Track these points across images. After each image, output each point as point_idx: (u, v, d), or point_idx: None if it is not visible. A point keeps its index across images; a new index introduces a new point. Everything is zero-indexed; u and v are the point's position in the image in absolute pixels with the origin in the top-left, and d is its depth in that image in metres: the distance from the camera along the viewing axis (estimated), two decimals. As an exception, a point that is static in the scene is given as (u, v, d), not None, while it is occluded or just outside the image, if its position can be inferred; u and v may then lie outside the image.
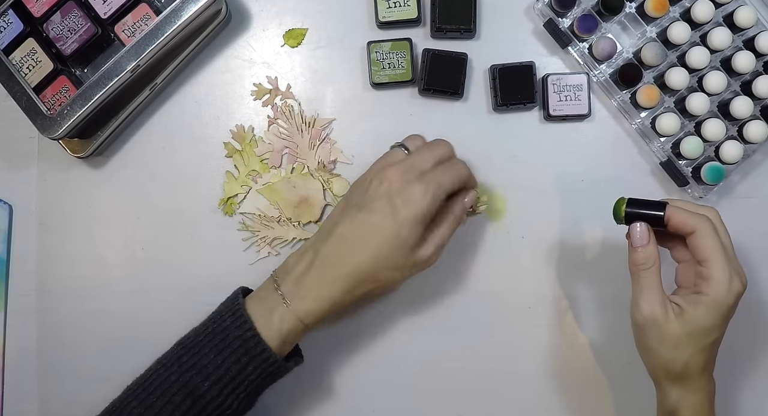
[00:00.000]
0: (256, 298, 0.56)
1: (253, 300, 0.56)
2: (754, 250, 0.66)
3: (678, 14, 0.64)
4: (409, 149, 0.58)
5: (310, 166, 0.66)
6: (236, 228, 0.66)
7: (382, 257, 0.54)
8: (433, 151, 0.57)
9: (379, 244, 0.54)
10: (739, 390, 0.65)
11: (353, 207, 0.55)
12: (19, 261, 0.66)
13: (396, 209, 0.54)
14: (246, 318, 0.54)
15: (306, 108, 0.66)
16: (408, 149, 0.58)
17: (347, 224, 0.55)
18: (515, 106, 0.64)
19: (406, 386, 0.65)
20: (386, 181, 0.55)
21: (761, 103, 0.64)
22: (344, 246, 0.55)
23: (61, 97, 0.60)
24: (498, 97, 0.64)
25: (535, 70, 0.64)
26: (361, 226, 0.54)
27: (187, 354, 0.55)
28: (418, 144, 0.59)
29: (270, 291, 0.56)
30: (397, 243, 0.54)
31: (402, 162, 0.56)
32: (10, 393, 0.66)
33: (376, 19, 0.65)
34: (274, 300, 0.55)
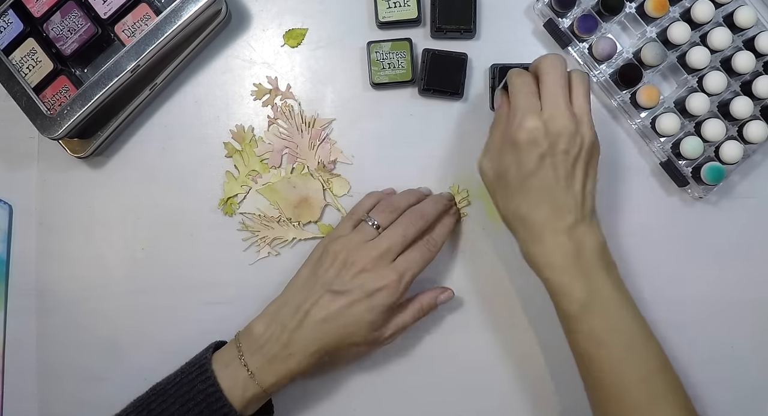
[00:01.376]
0: (222, 362, 0.57)
1: (219, 362, 0.57)
2: (755, 250, 0.66)
3: (678, 14, 0.64)
4: (379, 224, 0.59)
5: (310, 166, 0.66)
6: (236, 228, 0.66)
7: (348, 337, 0.57)
8: (405, 228, 0.59)
9: (351, 328, 0.57)
10: (740, 390, 0.65)
11: (328, 292, 0.57)
12: (19, 261, 0.66)
13: (371, 297, 0.57)
14: (210, 375, 0.56)
15: (306, 108, 0.66)
16: (377, 222, 0.59)
17: (321, 310, 0.57)
18: None
19: (405, 386, 0.65)
20: (359, 265, 0.57)
21: (761, 103, 0.64)
22: (316, 331, 0.57)
23: (61, 97, 0.61)
24: None
25: None
26: (337, 314, 0.56)
27: (156, 401, 0.57)
28: (388, 216, 0.60)
29: (234, 358, 0.57)
30: (366, 326, 0.57)
31: (374, 244, 0.58)
32: (10, 393, 0.66)
33: (376, 19, 0.65)
34: (240, 370, 0.56)
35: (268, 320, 0.58)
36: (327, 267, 0.58)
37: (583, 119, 0.55)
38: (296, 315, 0.57)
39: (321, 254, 0.59)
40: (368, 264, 0.57)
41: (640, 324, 0.55)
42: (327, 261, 0.58)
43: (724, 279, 0.66)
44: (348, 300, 0.56)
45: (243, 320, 0.65)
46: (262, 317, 0.59)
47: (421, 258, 0.59)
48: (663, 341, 0.56)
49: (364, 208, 0.62)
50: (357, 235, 0.59)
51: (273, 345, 0.57)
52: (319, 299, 0.57)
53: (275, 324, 0.57)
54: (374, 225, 0.59)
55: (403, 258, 0.58)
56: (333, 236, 0.60)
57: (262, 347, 0.57)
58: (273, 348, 0.56)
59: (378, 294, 0.57)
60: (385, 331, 0.59)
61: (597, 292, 0.54)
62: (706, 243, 0.66)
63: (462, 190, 0.65)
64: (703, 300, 0.66)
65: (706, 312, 0.65)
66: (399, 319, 0.60)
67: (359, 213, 0.61)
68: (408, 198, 0.62)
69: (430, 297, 0.61)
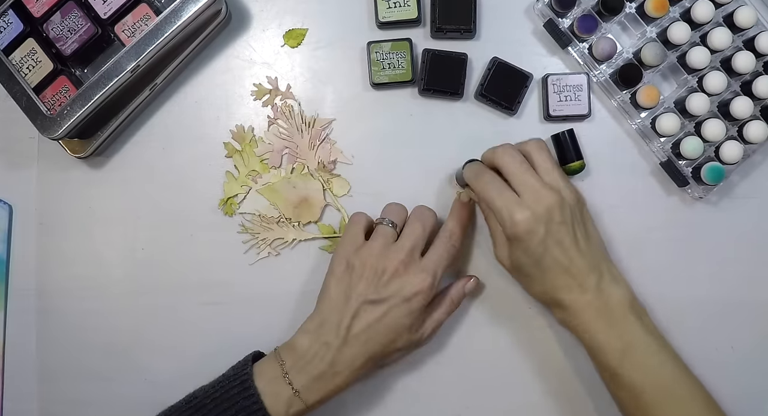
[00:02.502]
0: (265, 378, 0.56)
1: (262, 378, 0.56)
2: (755, 250, 0.66)
3: (678, 14, 0.64)
4: (395, 223, 0.60)
5: (310, 166, 0.66)
6: (236, 228, 0.66)
7: (391, 344, 0.58)
8: (422, 222, 0.60)
9: (393, 334, 0.57)
10: (740, 390, 0.65)
11: (365, 303, 0.57)
12: (19, 261, 0.66)
13: (409, 301, 0.57)
14: (254, 392, 0.55)
15: (306, 108, 0.66)
16: (394, 223, 0.60)
17: (362, 321, 0.57)
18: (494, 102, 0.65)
19: (405, 386, 0.65)
20: (390, 270, 0.57)
21: (761, 103, 0.64)
22: (361, 344, 0.57)
23: (61, 97, 0.61)
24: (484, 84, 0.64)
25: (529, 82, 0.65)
26: (378, 322, 0.57)
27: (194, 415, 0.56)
28: (401, 214, 0.61)
29: (278, 375, 0.56)
30: (407, 330, 0.58)
31: (399, 246, 0.58)
32: (9, 393, 0.66)
33: (376, 20, 0.65)
34: (284, 387, 0.56)
35: (311, 338, 0.57)
36: (358, 279, 0.58)
37: (559, 185, 0.57)
38: (339, 332, 0.57)
39: (346, 267, 0.59)
40: (399, 268, 0.57)
41: (679, 368, 0.57)
42: (356, 272, 0.58)
43: (724, 279, 0.66)
44: (386, 308, 0.57)
45: (243, 320, 0.65)
46: (304, 333, 0.58)
47: (446, 253, 0.59)
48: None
49: (364, 215, 0.62)
50: (377, 240, 0.59)
51: (319, 364, 0.56)
52: (358, 311, 0.57)
53: (319, 343, 0.57)
54: (392, 225, 0.60)
55: (429, 258, 0.59)
56: (350, 246, 0.59)
57: (308, 365, 0.56)
58: (319, 366, 0.56)
59: (415, 298, 0.57)
60: (425, 332, 0.60)
61: (632, 343, 0.56)
62: (706, 243, 0.66)
63: None
64: (703, 301, 0.66)
65: (706, 313, 0.65)
66: (434, 317, 0.60)
67: (363, 218, 0.62)
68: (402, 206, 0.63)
69: (458, 289, 0.62)
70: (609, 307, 0.56)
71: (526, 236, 0.55)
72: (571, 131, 0.64)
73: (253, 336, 0.64)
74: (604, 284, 0.57)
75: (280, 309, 0.65)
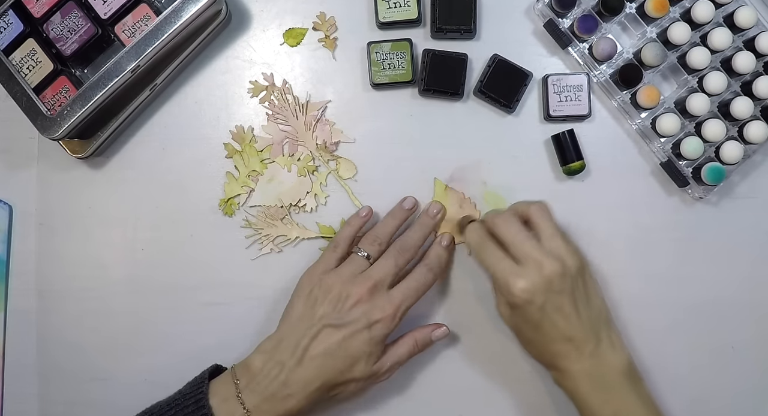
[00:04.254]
0: (219, 396, 0.56)
1: (216, 396, 0.56)
2: (755, 250, 0.66)
3: (678, 14, 0.64)
4: (369, 253, 0.60)
5: (309, 147, 0.66)
6: (236, 228, 0.66)
7: (347, 371, 0.57)
8: (396, 259, 0.59)
9: (350, 361, 0.57)
10: (741, 390, 0.65)
11: (326, 327, 0.57)
12: (19, 261, 0.66)
13: (369, 329, 0.57)
14: (207, 411, 0.55)
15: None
16: (368, 252, 0.60)
17: (321, 344, 0.56)
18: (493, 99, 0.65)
19: (405, 386, 0.65)
20: (355, 297, 0.57)
21: (761, 103, 0.64)
22: (316, 367, 0.56)
23: (61, 98, 0.61)
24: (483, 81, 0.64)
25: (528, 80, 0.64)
26: (337, 347, 0.57)
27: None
28: (377, 248, 0.60)
29: (232, 394, 0.56)
30: (365, 359, 0.57)
31: (368, 275, 0.58)
32: (10, 393, 0.66)
33: (376, 20, 0.65)
34: (237, 407, 0.55)
35: (265, 357, 0.57)
36: (321, 301, 0.58)
37: (561, 252, 0.56)
38: (295, 352, 0.56)
39: (312, 288, 0.59)
40: (364, 295, 0.57)
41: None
42: (321, 295, 0.58)
43: (724, 279, 0.66)
44: (346, 333, 0.57)
45: (243, 320, 0.65)
46: (260, 353, 0.58)
47: (418, 287, 0.60)
48: (663, 340, 0.56)
49: (345, 237, 0.62)
50: (348, 267, 0.59)
51: (271, 384, 0.56)
52: (317, 334, 0.57)
53: (273, 362, 0.57)
54: (365, 256, 0.60)
55: (398, 290, 0.59)
56: (321, 270, 0.60)
57: (260, 384, 0.56)
58: (270, 386, 0.56)
59: (376, 325, 0.57)
60: (383, 365, 0.59)
61: (624, 412, 0.56)
62: (706, 244, 0.66)
63: None
64: (703, 301, 0.65)
65: (706, 313, 0.65)
66: (395, 352, 0.60)
67: (342, 244, 0.62)
68: (393, 222, 0.62)
69: (424, 333, 0.62)
70: (604, 374, 0.56)
71: (524, 305, 0.55)
72: (571, 131, 0.64)
73: (253, 336, 0.64)
74: (601, 350, 0.56)
75: (280, 308, 0.65)
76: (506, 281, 0.55)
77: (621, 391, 0.56)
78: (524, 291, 0.55)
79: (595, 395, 0.56)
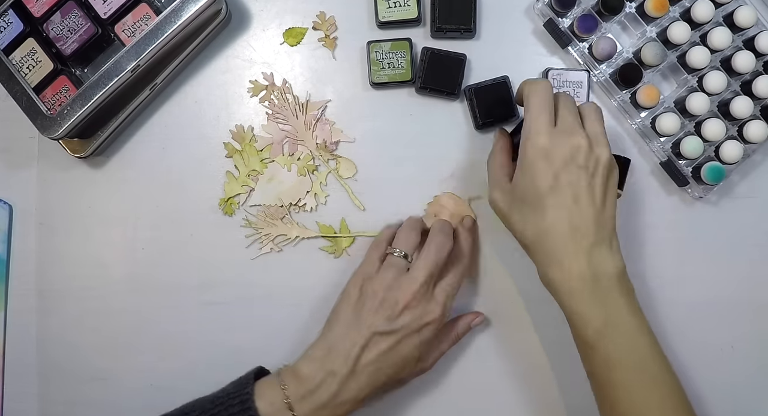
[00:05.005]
0: (266, 401, 0.55)
1: (263, 399, 0.55)
2: (755, 250, 0.66)
3: (678, 14, 0.64)
4: (407, 254, 0.59)
5: (309, 146, 0.66)
6: (236, 227, 0.66)
7: (397, 375, 0.58)
8: (436, 254, 0.58)
9: (401, 366, 0.57)
10: (740, 390, 0.65)
11: (376, 335, 0.56)
12: (19, 261, 0.66)
13: (419, 332, 0.57)
14: (253, 413, 0.54)
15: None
16: (406, 254, 0.59)
17: (372, 353, 0.56)
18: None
19: (406, 386, 0.65)
20: (402, 303, 0.56)
21: (761, 102, 0.64)
22: (368, 376, 0.56)
23: (61, 97, 0.61)
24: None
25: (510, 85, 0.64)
26: (387, 353, 0.56)
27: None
28: (413, 242, 0.60)
29: (279, 400, 0.55)
30: (414, 361, 0.58)
31: (412, 278, 0.57)
32: (10, 392, 0.66)
33: (376, 19, 0.65)
34: (284, 413, 0.54)
35: (315, 366, 0.56)
36: (369, 309, 0.57)
37: (599, 139, 0.54)
38: (347, 362, 0.55)
39: (360, 295, 0.58)
40: (411, 301, 0.57)
41: (654, 349, 0.55)
42: (368, 302, 0.57)
43: (724, 279, 0.66)
44: (397, 339, 0.56)
45: (243, 319, 0.65)
46: (309, 360, 0.57)
47: (456, 284, 0.60)
48: (663, 340, 0.56)
49: (387, 235, 0.62)
50: (390, 271, 0.58)
51: (323, 393, 0.55)
52: (367, 343, 0.56)
53: (324, 372, 0.56)
54: (402, 255, 0.59)
55: (440, 289, 0.59)
56: (365, 274, 0.59)
57: (311, 394, 0.55)
58: (323, 396, 0.55)
59: (425, 329, 0.57)
60: (428, 361, 0.60)
61: (613, 319, 0.54)
62: (706, 243, 0.66)
63: None
64: (703, 300, 0.66)
65: (706, 312, 0.65)
66: (439, 348, 0.61)
67: (384, 243, 0.61)
68: (419, 222, 0.63)
69: (464, 324, 0.63)
70: (598, 276, 0.53)
71: (541, 161, 0.53)
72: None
73: (253, 335, 0.64)
74: (600, 251, 0.53)
75: (280, 308, 0.65)
76: (537, 130, 0.53)
77: (612, 298, 0.54)
78: (548, 143, 0.53)
79: (586, 297, 0.53)
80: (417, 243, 0.60)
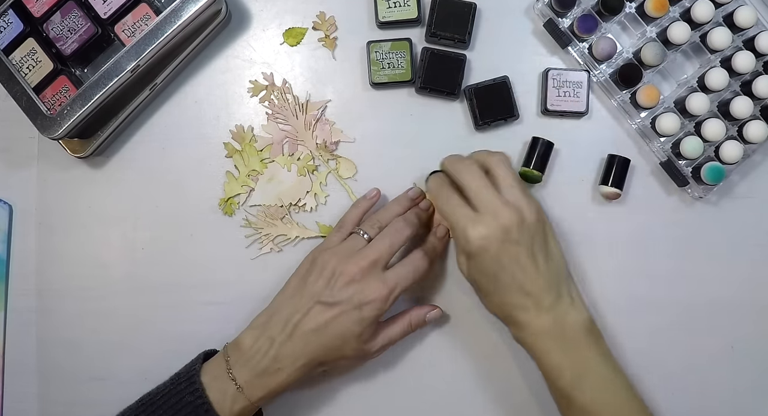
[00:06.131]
0: (211, 374, 0.57)
1: (208, 374, 0.57)
2: (755, 250, 0.66)
3: (678, 14, 0.64)
4: (369, 234, 0.59)
5: (309, 146, 0.66)
6: (236, 227, 0.66)
7: (337, 349, 0.57)
8: (391, 238, 0.59)
9: (339, 340, 0.57)
10: (740, 390, 0.65)
11: (318, 304, 0.57)
12: (19, 261, 0.66)
13: (360, 309, 0.57)
14: (198, 386, 0.55)
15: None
16: (368, 234, 0.59)
17: (311, 321, 0.57)
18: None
19: (406, 386, 0.65)
20: (348, 275, 0.57)
21: (761, 103, 0.64)
22: (306, 343, 0.57)
23: (61, 97, 0.61)
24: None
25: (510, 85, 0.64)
26: (327, 325, 0.57)
27: (144, 412, 0.57)
28: (378, 224, 0.60)
29: (223, 371, 0.57)
30: (354, 338, 0.57)
31: (363, 254, 0.58)
32: (10, 393, 0.66)
33: (376, 19, 0.65)
34: (228, 383, 0.56)
35: (256, 333, 0.58)
36: (316, 278, 0.58)
37: (520, 203, 0.56)
38: (285, 327, 0.57)
39: (310, 265, 0.59)
40: (357, 274, 0.57)
41: (628, 392, 0.56)
42: (315, 271, 0.58)
43: (723, 279, 0.66)
44: (337, 312, 0.57)
45: (243, 320, 0.65)
46: (251, 329, 0.58)
47: (412, 273, 0.59)
48: (663, 341, 0.56)
49: (351, 218, 0.62)
50: (346, 245, 0.59)
51: (261, 359, 0.56)
52: (309, 311, 0.57)
53: (263, 338, 0.57)
54: (365, 237, 0.60)
55: (393, 272, 0.58)
56: (322, 248, 0.60)
57: (250, 360, 0.56)
58: (262, 361, 0.56)
59: (367, 306, 0.57)
60: (374, 345, 0.59)
61: (585, 367, 0.55)
62: (706, 243, 0.66)
63: None
64: (703, 300, 0.65)
65: (706, 312, 0.65)
66: (387, 333, 0.60)
67: (348, 225, 0.62)
68: (397, 209, 0.62)
69: (419, 314, 0.62)
70: (565, 330, 0.56)
71: (479, 253, 0.55)
72: (550, 144, 0.64)
73: (253, 335, 0.64)
74: (561, 306, 0.56)
75: (280, 309, 0.65)
76: (463, 228, 0.55)
77: (583, 347, 0.56)
78: (480, 239, 0.54)
79: (558, 351, 0.55)
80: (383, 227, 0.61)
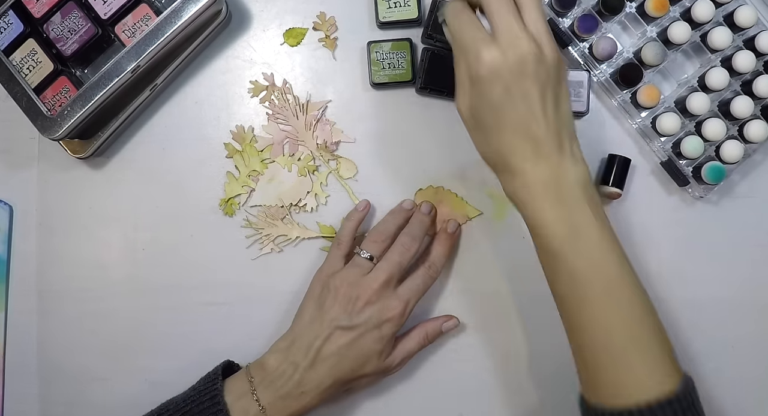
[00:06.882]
0: (234, 394, 0.57)
1: (231, 393, 0.57)
2: (755, 250, 0.66)
3: (678, 14, 0.64)
4: (371, 253, 0.60)
5: (310, 147, 0.66)
6: (237, 228, 0.66)
7: (360, 369, 0.58)
8: (400, 256, 0.60)
9: (362, 359, 0.58)
10: (740, 390, 0.65)
11: (337, 329, 0.58)
12: (19, 261, 0.66)
13: (380, 328, 0.58)
14: (223, 407, 0.56)
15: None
16: (370, 253, 0.60)
17: (332, 345, 0.57)
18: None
19: (406, 386, 0.65)
20: (363, 299, 0.58)
21: (761, 102, 0.64)
22: (329, 367, 0.57)
23: (62, 98, 0.61)
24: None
25: None
26: (348, 347, 0.58)
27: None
28: (380, 245, 0.61)
29: (246, 392, 0.57)
30: (376, 356, 0.59)
31: (374, 277, 0.59)
32: (10, 393, 0.66)
33: (377, 19, 0.65)
34: (251, 404, 0.56)
35: (280, 357, 0.58)
36: (332, 303, 0.58)
37: (542, 38, 0.50)
38: (308, 353, 0.57)
39: (321, 290, 0.60)
40: (372, 296, 0.58)
41: (623, 265, 0.51)
42: (330, 297, 0.59)
43: (724, 279, 0.66)
44: (357, 334, 0.58)
45: (243, 320, 0.65)
46: (274, 352, 0.59)
47: (422, 285, 0.60)
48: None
49: (347, 233, 0.63)
50: (353, 269, 0.60)
51: (286, 383, 0.57)
52: (329, 336, 0.58)
53: (287, 363, 0.58)
54: (368, 258, 0.60)
55: (405, 287, 0.59)
56: (328, 271, 0.61)
57: (274, 382, 0.57)
58: (286, 385, 0.57)
59: (385, 324, 0.58)
60: (394, 359, 0.60)
61: (579, 228, 0.50)
62: (707, 243, 0.66)
63: None
64: (703, 300, 0.65)
65: (706, 312, 0.65)
66: (405, 347, 0.61)
67: (345, 239, 0.62)
68: (393, 221, 0.62)
69: (435, 325, 0.63)
70: (561, 185, 0.50)
71: (489, 78, 0.49)
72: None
73: (253, 335, 0.64)
74: (562, 158, 0.51)
75: (280, 308, 0.65)
76: (477, 48, 0.49)
77: (578, 206, 0.50)
78: (493, 62, 0.48)
79: (550, 206, 0.50)
80: (385, 249, 0.61)
